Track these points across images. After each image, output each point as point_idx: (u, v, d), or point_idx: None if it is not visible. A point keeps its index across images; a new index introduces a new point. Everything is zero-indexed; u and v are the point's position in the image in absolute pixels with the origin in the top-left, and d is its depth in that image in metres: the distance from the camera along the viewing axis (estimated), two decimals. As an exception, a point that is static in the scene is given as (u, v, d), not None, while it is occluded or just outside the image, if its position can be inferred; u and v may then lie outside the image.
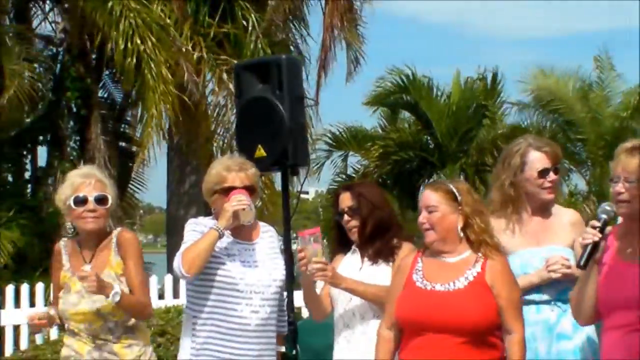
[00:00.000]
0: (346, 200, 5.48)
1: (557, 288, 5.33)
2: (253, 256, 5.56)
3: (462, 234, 4.82)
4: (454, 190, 4.86)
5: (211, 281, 5.46)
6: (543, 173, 5.42)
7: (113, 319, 5.40)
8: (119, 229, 5.62)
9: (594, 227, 4.51)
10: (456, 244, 4.83)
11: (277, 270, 5.59)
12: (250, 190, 5.55)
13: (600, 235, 4.49)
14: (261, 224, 5.79)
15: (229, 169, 5.61)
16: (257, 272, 5.52)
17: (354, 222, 5.43)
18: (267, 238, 5.69)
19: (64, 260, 5.53)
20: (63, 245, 5.61)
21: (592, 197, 21.59)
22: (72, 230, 5.55)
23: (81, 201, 5.43)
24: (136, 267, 5.45)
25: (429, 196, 4.88)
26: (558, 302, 5.33)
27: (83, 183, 5.47)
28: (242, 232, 5.60)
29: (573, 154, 22.26)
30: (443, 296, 4.75)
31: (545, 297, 5.34)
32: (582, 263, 4.52)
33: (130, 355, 5.42)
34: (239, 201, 5.39)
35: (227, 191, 5.53)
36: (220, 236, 5.38)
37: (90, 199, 5.42)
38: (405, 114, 23.63)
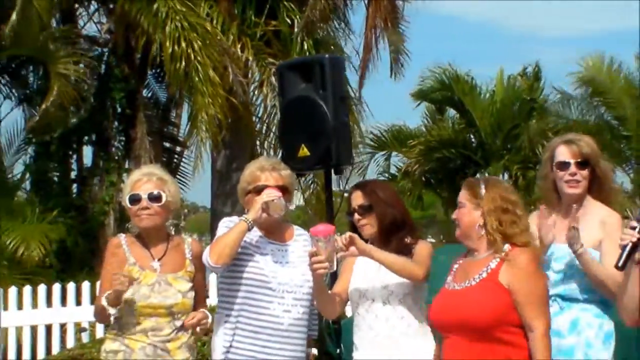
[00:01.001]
0: (357, 198, 5.44)
1: (562, 284, 5.31)
2: (286, 257, 5.56)
3: (482, 232, 4.81)
4: (479, 186, 4.86)
5: (242, 278, 5.47)
6: (562, 166, 5.39)
7: (180, 318, 5.44)
8: (189, 238, 5.74)
9: (632, 228, 4.47)
10: (480, 242, 4.82)
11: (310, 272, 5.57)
12: (283, 190, 5.55)
13: (638, 236, 4.43)
14: (295, 227, 5.78)
15: (262, 168, 5.62)
16: (290, 272, 5.52)
17: (365, 221, 5.39)
18: (302, 241, 5.67)
19: (126, 254, 5.53)
20: (123, 239, 5.61)
21: (639, 195, 21.39)
22: (133, 228, 5.60)
23: (136, 199, 5.48)
24: (204, 280, 5.65)
25: (461, 192, 4.92)
26: (558, 298, 5.30)
27: (140, 181, 5.53)
28: (275, 233, 5.61)
29: (619, 152, 22.03)
30: (456, 295, 4.78)
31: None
32: (620, 264, 4.47)
33: (180, 355, 5.46)
34: (268, 194, 5.39)
35: (260, 191, 5.53)
36: (249, 228, 5.39)
37: (144, 196, 5.47)
38: (450, 113, 23.58)
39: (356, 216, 5.42)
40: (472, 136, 22.61)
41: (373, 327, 5.33)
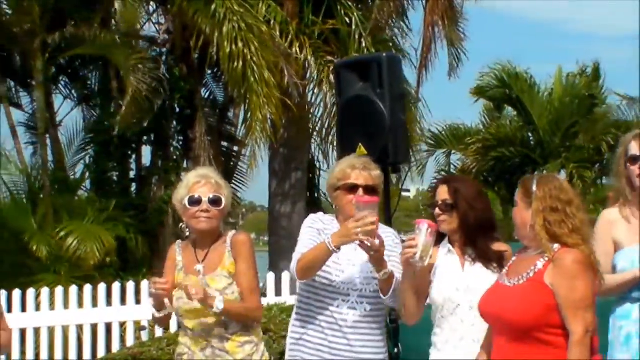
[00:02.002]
0: (442, 193, 5.37)
1: None
2: (358, 254, 5.52)
3: (533, 231, 4.74)
4: (531, 185, 4.78)
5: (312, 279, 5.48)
6: (633, 160, 5.31)
7: (228, 318, 5.45)
8: (233, 231, 5.68)
9: None
10: (533, 240, 4.74)
11: (391, 268, 5.48)
12: (372, 190, 5.52)
13: None
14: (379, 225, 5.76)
15: (353, 166, 5.58)
16: (357, 270, 5.49)
17: (444, 217, 5.32)
18: (384, 238, 5.64)
19: (177, 260, 5.59)
20: (178, 245, 5.67)
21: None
22: (187, 229, 5.62)
23: (196, 201, 5.49)
24: (247, 270, 5.49)
25: (517, 191, 4.89)
26: None
27: (198, 183, 5.54)
28: None
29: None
30: (504, 291, 4.74)
31: None
32: None
33: (241, 353, 5.46)
34: (364, 225, 5.20)
35: (350, 189, 5.51)
36: (332, 252, 5.32)
37: (204, 199, 5.48)
38: (507, 111, 23.43)
39: (437, 210, 5.35)
40: (530, 134, 22.45)
41: (458, 330, 5.27)
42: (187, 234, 5.65)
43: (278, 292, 11.24)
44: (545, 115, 21.91)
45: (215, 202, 5.50)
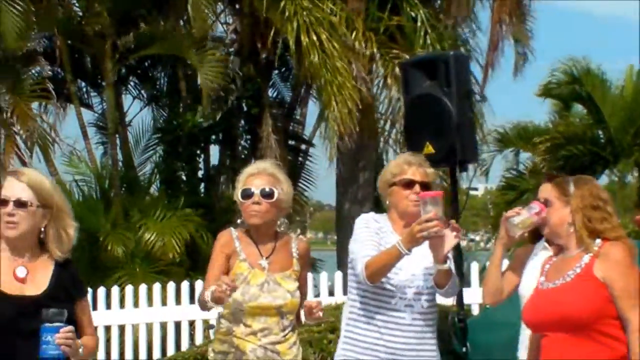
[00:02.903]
0: (545, 191, 5.29)
1: None
2: (414, 252, 5.51)
3: (571, 229, 4.81)
4: (568, 185, 4.86)
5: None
6: None
7: (289, 318, 5.43)
8: (297, 235, 5.68)
9: None
10: (569, 239, 4.82)
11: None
12: (427, 188, 5.50)
13: None
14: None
15: (409, 162, 5.55)
16: (413, 267, 5.45)
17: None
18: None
19: (237, 248, 5.52)
20: (234, 233, 5.59)
21: None
22: (243, 224, 5.59)
23: (248, 194, 5.46)
24: (307, 279, 5.63)
25: (548, 191, 4.97)
26: None
27: (252, 175, 5.50)
28: (406, 229, 5.57)
29: None
30: (552, 293, 4.76)
31: None
32: None
33: (290, 355, 5.44)
34: (428, 226, 5.14)
35: (407, 184, 5.48)
36: (404, 255, 5.27)
37: (256, 192, 5.43)
38: (576, 108, 23.17)
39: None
40: (600, 132, 22.17)
41: None
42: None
43: (346, 291, 11.21)
44: (616, 112, 21.63)
45: (268, 195, 5.44)
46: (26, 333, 4.47)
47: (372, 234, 5.49)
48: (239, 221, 5.59)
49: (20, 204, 4.56)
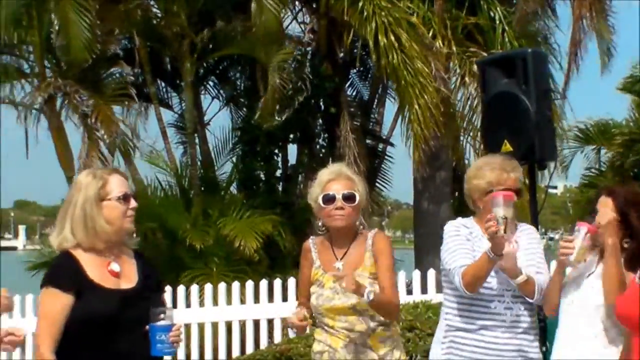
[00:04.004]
0: (606, 204, 5.28)
1: None
2: None
3: None
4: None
5: None
6: None
7: (368, 314, 5.45)
8: (374, 230, 5.67)
9: None
10: None
11: (530, 267, 5.46)
12: (519, 193, 5.51)
13: None
14: (519, 223, 5.71)
15: (507, 170, 5.59)
16: (522, 267, 5.44)
17: (602, 230, 5.25)
18: (525, 236, 5.60)
19: (313, 257, 5.61)
20: (312, 242, 5.69)
21: None
22: (323, 228, 5.63)
23: (330, 199, 5.50)
24: (388, 269, 5.49)
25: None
26: None
27: (331, 181, 5.55)
28: None
29: None
30: None
31: None
32: None
33: (383, 349, 5.47)
34: (486, 226, 5.21)
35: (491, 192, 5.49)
36: (493, 262, 5.29)
37: (338, 196, 5.48)
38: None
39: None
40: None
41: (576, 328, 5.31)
42: (322, 232, 5.67)
43: (424, 290, 11.22)
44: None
45: (349, 198, 5.50)
46: (130, 323, 4.67)
47: (463, 241, 5.50)
48: (318, 223, 5.63)
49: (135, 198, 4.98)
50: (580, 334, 5.22)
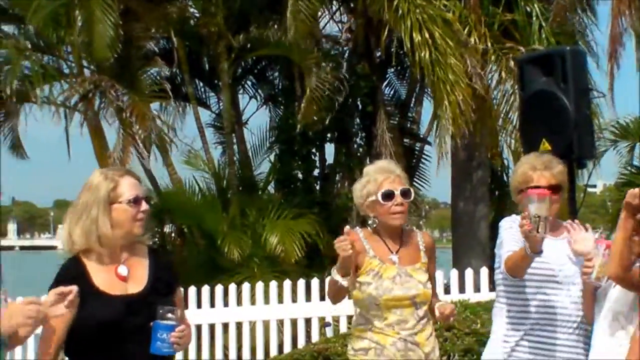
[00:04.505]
0: None
1: None
2: (565, 249, 5.48)
3: None
4: None
5: (529, 274, 5.39)
6: None
7: (423, 309, 5.49)
8: (420, 230, 5.77)
9: None
10: None
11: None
12: (556, 189, 5.48)
13: None
14: (561, 222, 5.67)
15: (535, 168, 5.55)
16: (574, 264, 5.43)
17: None
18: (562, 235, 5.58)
19: (365, 246, 5.58)
20: (359, 231, 5.66)
21: None
22: (375, 225, 5.63)
23: (389, 195, 5.52)
24: (434, 272, 5.68)
25: None
26: None
27: (387, 178, 5.56)
28: (551, 228, 5.54)
29: None
30: None
31: None
32: None
33: (428, 346, 5.48)
34: (520, 224, 5.18)
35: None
36: (530, 258, 5.23)
37: (397, 193, 5.51)
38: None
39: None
40: None
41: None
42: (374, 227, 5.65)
43: (461, 289, 11.19)
44: None
45: (406, 194, 5.54)
46: (133, 330, 4.62)
47: (515, 232, 5.43)
48: (370, 221, 5.63)
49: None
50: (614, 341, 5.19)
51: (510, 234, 5.49)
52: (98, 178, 4.78)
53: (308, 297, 11.59)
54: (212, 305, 11.71)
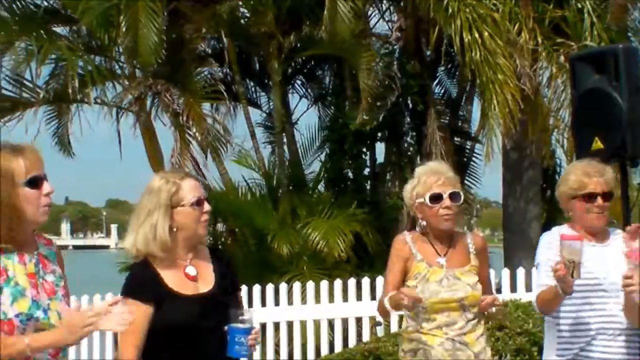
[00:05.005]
0: None
1: None
2: (610, 256, 5.42)
3: None
4: None
5: (575, 285, 5.27)
6: None
7: (472, 310, 5.46)
8: (471, 231, 5.74)
9: None
10: None
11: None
12: (608, 196, 5.44)
13: None
14: (610, 229, 5.64)
15: (589, 175, 5.50)
16: (619, 271, 5.32)
17: None
18: (618, 238, 5.53)
19: (413, 251, 5.58)
20: (408, 237, 5.65)
21: None
22: (424, 227, 5.61)
23: (437, 198, 5.50)
24: (488, 274, 5.65)
25: None
26: None
27: (436, 180, 5.54)
28: (596, 235, 5.50)
29: None
30: None
31: None
32: None
33: (478, 346, 5.47)
34: (553, 269, 5.15)
35: (589, 198, 5.45)
36: (561, 298, 5.26)
37: (445, 195, 5.49)
38: None
39: None
40: None
41: None
42: (422, 230, 5.64)
43: (513, 289, 11.13)
44: None
45: (454, 197, 5.51)
46: (208, 330, 4.66)
47: (551, 256, 5.36)
48: (419, 224, 5.61)
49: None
50: None
51: (547, 258, 5.42)
52: (159, 182, 4.82)
53: (359, 297, 11.59)
54: (263, 304, 11.75)
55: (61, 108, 16.48)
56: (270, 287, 11.82)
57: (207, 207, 4.83)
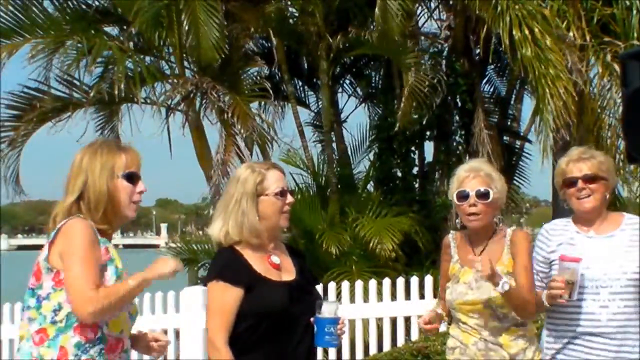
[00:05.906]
0: None
1: None
2: (604, 249, 5.36)
3: None
4: None
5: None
6: None
7: (501, 311, 5.39)
8: (513, 227, 5.63)
9: None
10: None
11: (631, 263, 5.33)
12: (591, 179, 5.40)
13: None
14: (627, 215, 5.57)
15: (571, 161, 5.54)
16: (605, 266, 5.30)
17: None
18: (629, 230, 5.45)
19: (452, 252, 5.59)
20: (452, 237, 5.66)
21: None
22: (461, 225, 5.62)
23: (464, 196, 5.46)
24: (525, 268, 5.42)
25: None
26: None
27: (467, 177, 5.50)
28: (596, 226, 5.46)
29: None
30: None
31: None
32: None
33: (515, 348, 5.41)
34: (551, 286, 5.26)
35: (570, 184, 5.48)
36: (544, 308, 5.37)
37: (472, 193, 5.44)
38: None
39: None
40: None
41: None
42: (459, 228, 5.67)
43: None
44: None
45: (483, 195, 5.43)
46: (296, 317, 4.75)
47: (539, 260, 5.50)
48: (457, 221, 5.67)
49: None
50: None
51: (537, 260, 5.51)
52: (245, 171, 4.94)
53: (407, 296, 11.58)
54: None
55: (110, 108, 16.60)
56: (319, 287, 11.82)
57: (290, 198, 4.94)
